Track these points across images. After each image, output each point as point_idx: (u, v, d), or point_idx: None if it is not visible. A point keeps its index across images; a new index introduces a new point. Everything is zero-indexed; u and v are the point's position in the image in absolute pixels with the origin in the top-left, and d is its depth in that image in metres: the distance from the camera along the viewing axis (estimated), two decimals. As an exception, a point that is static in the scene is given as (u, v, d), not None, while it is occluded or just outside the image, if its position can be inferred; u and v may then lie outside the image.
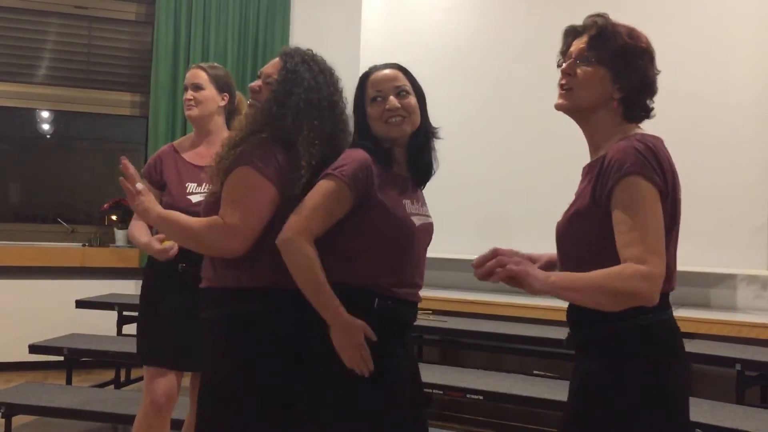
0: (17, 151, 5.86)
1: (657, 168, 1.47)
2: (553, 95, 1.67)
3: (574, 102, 1.61)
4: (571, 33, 1.66)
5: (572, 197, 1.67)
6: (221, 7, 5.25)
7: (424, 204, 2.00)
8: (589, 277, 1.43)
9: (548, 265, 1.82)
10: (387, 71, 1.92)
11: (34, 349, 3.96)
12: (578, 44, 1.62)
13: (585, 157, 1.65)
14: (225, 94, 2.72)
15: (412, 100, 1.91)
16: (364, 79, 1.94)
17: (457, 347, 4.18)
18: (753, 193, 3.99)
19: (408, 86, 1.91)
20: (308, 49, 2.01)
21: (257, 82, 2.00)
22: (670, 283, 1.55)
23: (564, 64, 1.63)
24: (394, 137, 1.89)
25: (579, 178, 1.69)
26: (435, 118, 2.04)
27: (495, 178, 4.77)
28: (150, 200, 1.94)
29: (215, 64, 2.81)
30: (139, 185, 1.93)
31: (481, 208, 4.75)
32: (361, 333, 1.75)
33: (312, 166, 1.85)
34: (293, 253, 1.75)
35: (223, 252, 1.85)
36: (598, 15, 1.62)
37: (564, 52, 1.67)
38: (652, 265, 1.40)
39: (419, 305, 1.97)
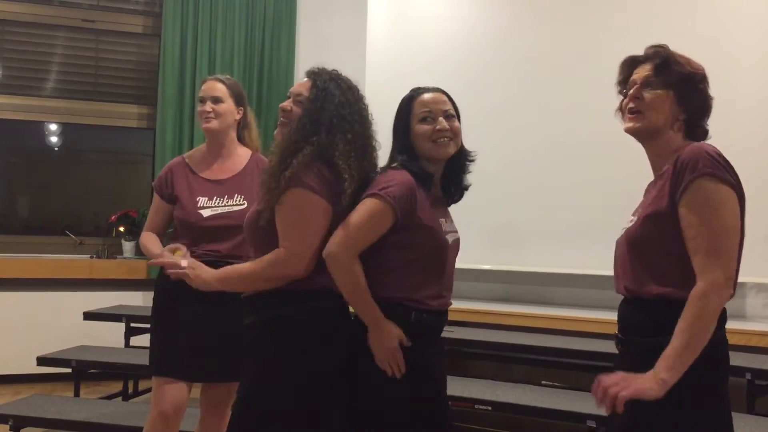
0: (25, 163, 5.90)
1: (729, 169, 1.60)
2: (560, 104, 1.69)
3: (645, 123, 1.73)
4: (631, 63, 1.80)
5: (582, 206, 1.71)
6: (227, 19, 5.28)
7: (452, 220, 2.10)
8: (679, 342, 1.52)
9: None
10: (435, 94, 2.02)
11: (42, 361, 3.97)
12: (642, 72, 1.75)
13: (595, 165, 1.68)
14: (240, 107, 2.72)
15: (457, 123, 2.02)
16: (410, 99, 2.02)
17: (464, 357, 4.16)
18: (761, 201, 3.97)
19: (453, 110, 2.02)
20: (333, 69, 2.05)
21: (287, 102, 2.04)
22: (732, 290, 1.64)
23: (631, 90, 1.75)
24: (439, 158, 1.99)
25: (588, 186, 1.72)
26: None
27: (505, 187, 4.77)
28: (201, 269, 1.99)
29: (229, 76, 2.80)
30: (183, 261, 2.00)
31: (491, 218, 4.75)
32: (395, 339, 1.87)
33: (353, 177, 1.90)
34: (339, 266, 1.85)
35: (291, 278, 1.89)
36: (659, 46, 1.75)
37: (621, 82, 1.81)
38: (714, 273, 1.54)
39: None
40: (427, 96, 2.01)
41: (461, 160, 2.08)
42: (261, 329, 1.95)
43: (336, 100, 1.95)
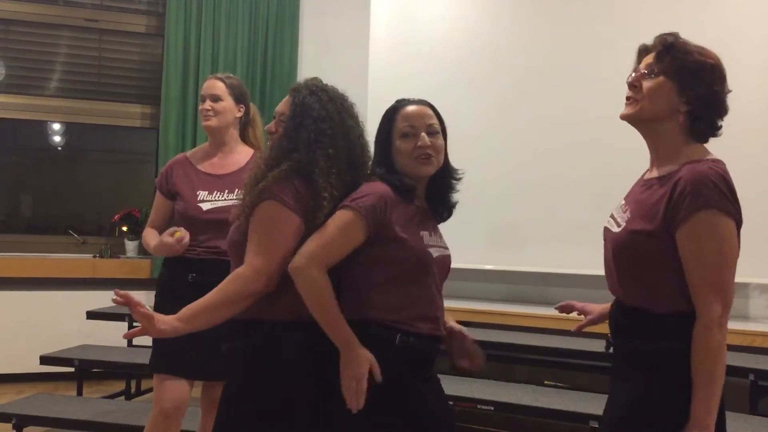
0: (29, 163, 5.91)
1: (731, 198, 1.53)
2: (561, 104, 1.68)
3: (639, 112, 1.64)
4: (643, 51, 1.70)
5: (583, 206, 1.69)
6: (230, 19, 5.28)
7: (441, 237, 1.97)
8: (704, 386, 1.50)
9: (601, 318, 1.91)
10: (419, 107, 1.90)
11: (45, 360, 3.98)
12: (647, 60, 1.66)
13: (595, 165, 1.67)
14: (241, 105, 2.74)
15: (440, 140, 1.90)
16: (393, 111, 1.91)
17: (467, 357, 4.15)
18: (764, 200, 3.96)
19: (437, 125, 1.90)
20: (317, 79, 1.98)
21: (272, 123, 2.00)
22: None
23: (631, 77, 1.67)
24: (420, 175, 1.88)
25: (588, 186, 1.70)
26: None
27: (505, 187, 4.77)
28: (161, 319, 1.85)
29: (231, 74, 2.82)
30: (148, 309, 1.85)
31: (492, 218, 4.75)
32: (366, 365, 1.70)
33: (334, 196, 1.83)
34: (304, 279, 1.73)
35: (256, 295, 1.80)
36: (669, 33, 1.65)
37: (633, 71, 1.71)
38: (715, 307, 1.51)
39: None
40: (410, 109, 1.89)
41: (447, 178, 1.95)
42: (231, 355, 1.91)
43: (315, 114, 1.88)
